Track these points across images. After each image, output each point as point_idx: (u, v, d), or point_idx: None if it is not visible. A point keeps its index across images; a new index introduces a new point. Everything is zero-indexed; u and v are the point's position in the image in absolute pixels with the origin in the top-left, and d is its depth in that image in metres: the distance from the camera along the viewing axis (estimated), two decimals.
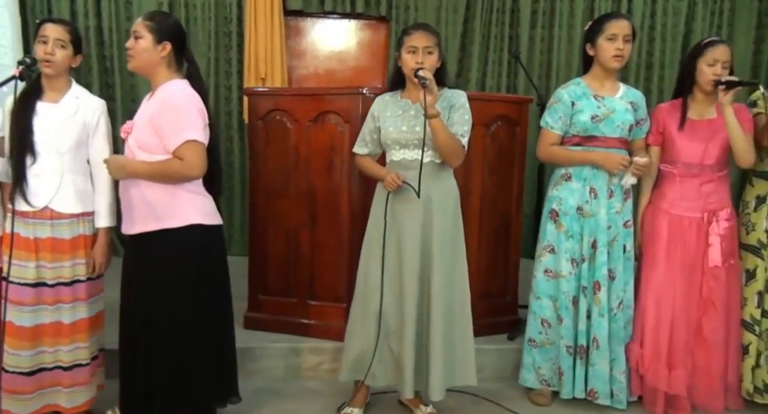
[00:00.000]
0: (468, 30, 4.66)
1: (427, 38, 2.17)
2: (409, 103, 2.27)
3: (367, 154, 2.36)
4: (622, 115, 2.44)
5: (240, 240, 4.58)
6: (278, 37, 4.38)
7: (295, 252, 2.89)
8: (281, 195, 2.90)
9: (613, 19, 2.42)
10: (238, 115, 4.52)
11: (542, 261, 2.51)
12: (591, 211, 2.45)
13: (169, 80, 2.03)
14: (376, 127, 2.30)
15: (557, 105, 2.47)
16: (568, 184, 2.48)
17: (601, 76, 2.47)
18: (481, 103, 2.85)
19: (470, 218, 2.89)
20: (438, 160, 2.23)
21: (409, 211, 2.23)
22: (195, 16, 4.45)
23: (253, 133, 2.95)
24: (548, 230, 2.51)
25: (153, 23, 2.02)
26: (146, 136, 1.98)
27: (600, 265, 2.45)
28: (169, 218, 1.98)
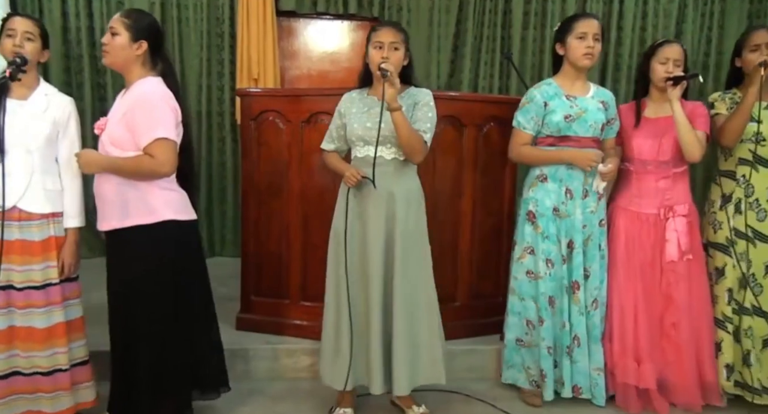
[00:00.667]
0: (460, 31, 4.68)
1: (394, 34, 2.21)
2: (374, 100, 2.29)
3: (333, 150, 2.39)
4: (595, 114, 2.48)
5: (233, 241, 4.58)
6: (271, 38, 4.38)
7: (287, 253, 2.90)
8: (274, 196, 2.91)
9: (582, 19, 2.46)
10: (230, 116, 4.52)
11: (523, 263, 2.53)
12: (567, 211, 2.48)
13: (143, 78, 2.06)
14: (343, 124, 2.33)
15: (529, 105, 2.49)
16: (544, 185, 2.50)
17: (572, 76, 2.50)
18: (474, 104, 2.88)
19: (462, 219, 2.92)
20: (401, 157, 2.26)
21: (372, 208, 2.25)
22: (187, 17, 4.44)
23: (245, 134, 2.96)
24: (526, 232, 2.52)
25: (130, 21, 2.04)
26: (119, 133, 2.00)
27: (577, 266, 2.49)
28: (142, 214, 2.01)
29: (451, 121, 2.82)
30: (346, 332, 2.29)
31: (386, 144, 2.24)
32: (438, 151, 2.80)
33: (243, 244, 3.04)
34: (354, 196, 2.27)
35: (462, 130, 2.86)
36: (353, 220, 2.27)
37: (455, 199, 2.90)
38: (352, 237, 2.27)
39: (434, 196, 2.82)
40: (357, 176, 2.20)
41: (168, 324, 2.05)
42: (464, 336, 2.90)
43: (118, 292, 2.08)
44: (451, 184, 2.88)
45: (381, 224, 2.24)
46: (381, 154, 2.23)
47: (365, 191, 2.25)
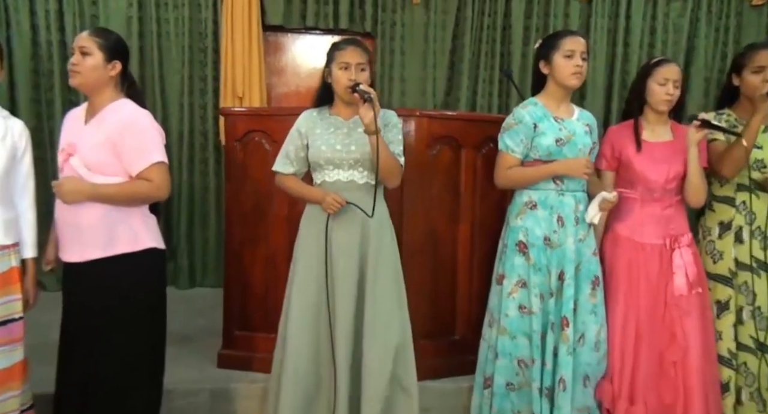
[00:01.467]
0: (457, 47, 4.74)
1: (360, 54, 2.24)
2: (340, 120, 2.31)
3: (292, 173, 2.38)
4: (582, 137, 2.48)
5: (215, 269, 4.56)
6: (256, 54, 4.43)
7: (275, 282, 2.88)
8: (260, 221, 2.91)
9: (569, 36, 2.46)
10: (214, 136, 4.54)
11: (515, 297, 2.47)
12: (558, 241, 2.44)
13: (115, 100, 2.09)
14: (304, 145, 2.32)
15: (518, 127, 2.45)
16: (534, 212, 2.47)
17: (558, 97, 2.50)
18: (472, 124, 2.91)
19: (460, 247, 2.92)
20: (373, 181, 2.26)
21: (346, 237, 2.24)
22: (167, 31, 4.48)
23: (229, 156, 2.97)
24: (517, 264, 2.47)
25: (104, 41, 2.07)
26: (101, 158, 2.01)
27: (567, 299, 2.42)
28: (127, 242, 2.03)
29: (448, 141, 2.84)
30: (326, 365, 2.25)
31: (358, 167, 2.25)
32: (434, 173, 2.82)
33: (226, 273, 3.03)
34: (330, 222, 2.25)
35: (459, 152, 2.88)
36: (324, 248, 2.25)
37: (452, 226, 2.91)
38: (321, 268, 2.25)
39: (430, 222, 2.83)
40: (342, 202, 2.18)
41: (139, 363, 2.06)
42: (463, 373, 2.86)
43: (86, 326, 2.06)
44: (448, 209, 2.89)
45: (354, 253, 2.23)
46: (353, 179, 2.25)
47: (339, 219, 2.24)
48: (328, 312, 2.23)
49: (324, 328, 2.25)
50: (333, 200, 2.18)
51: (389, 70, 4.75)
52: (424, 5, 4.68)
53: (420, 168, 2.77)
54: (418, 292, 2.75)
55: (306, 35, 4.83)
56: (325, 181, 2.28)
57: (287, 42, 4.83)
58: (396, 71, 4.74)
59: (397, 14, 4.69)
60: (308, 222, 2.33)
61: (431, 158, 2.82)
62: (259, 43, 4.46)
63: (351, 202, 2.20)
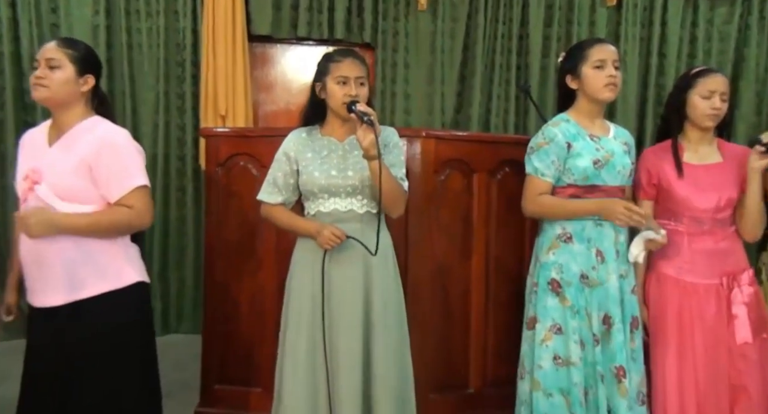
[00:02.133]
0: (468, 58, 4.84)
1: (359, 67, 2.30)
2: (334, 142, 2.36)
3: (281, 202, 2.40)
4: (621, 158, 2.50)
5: (192, 314, 4.59)
6: (241, 68, 4.51)
7: (261, 329, 2.91)
8: (246, 257, 2.96)
9: (597, 44, 2.49)
10: (192, 161, 4.61)
11: (549, 346, 2.43)
12: (599, 278, 2.43)
13: (85, 118, 2.14)
14: (293, 171, 2.35)
15: (549, 146, 2.46)
16: (569, 246, 2.46)
17: (591, 112, 2.52)
18: (485, 146, 2.97)
19: (473, 286, 2.96)
20: (374, 210, 2.30)
21: (346, 277, 2.27)
22: (140, 42, 4.56)
23: (211, 183, 3.03)
24: (550, 306, 2.45)
25: (75, 52, 2.12)
26: (75, 184, 2.04)
27: (619, 346, 2.40)
28: (109, 279, 2.05)
29: (459, 165, 2.91)
30: None
31: (356, 195, 2.29)
32: (442, 201, 2.87)
33: (205, 318, 3.05)
34: (327, 259, 2.28)
35: (471, 177, 2.94)
36: (321, 290, 2.28)
37: (464, 262, 2.95)
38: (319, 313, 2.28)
39: (438, 256, 2.88)
40: (342, 236, 2.21)
41: None
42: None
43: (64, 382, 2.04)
44: (459, 242, 2.94)
45: (357, 294, 2.26)
46: (351, 208, 2.29)
47: (338, 256, 2.27)
48: (326, 364, 2.24)
49: (323, 382, 2.25)
50: (331, 235, 2.18)
51: (391, 85, 4.83)
52: (431, 12, 4.79)
53: (427, 195, 2.82)
54: (425, 337, 2.78)
55: (297, 46, 4.94)
56: (320, 212, 2.30)
57: (276, 54, 4.94)
58: (399, 87, 4.83)
59: (400, 22, 4.79)
60: (301, 259, 2.36)
61: (439, 184, 2.87)
62: (245, 55, 4.55)
63: (352, 237, 2.22)
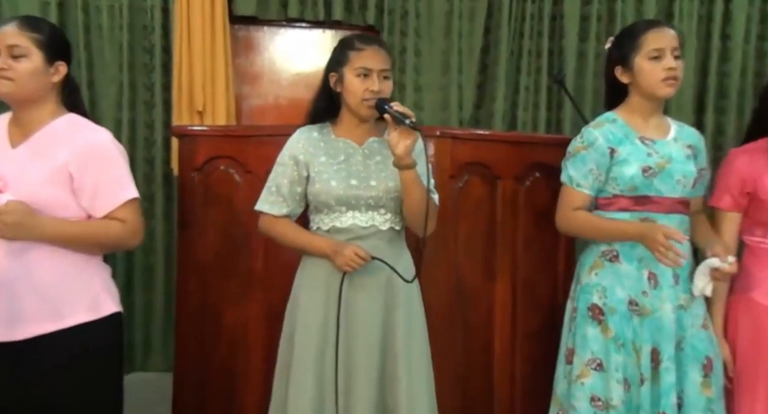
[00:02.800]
0: (490, 43, 4.84)
1: (384, 58, 2.30)
2: (351, 145, 2.36)
3: (285, 215, 2.39)
4: (683, 164, 2.48)
5: (161, 348, 4.58)
6: (222, 54, 4.50)
7: (244, 365, 2.91)
8: (226, 280, 2.95)
9: (652, 29, 2.48)
10: (163, 165, 4.61)
11: (585, 384, 2.44)
12: (650, 306, 2.43)
13: (57, 115, 2.13)
14: (302, 177, 2.35)
15: (586, 152, 2.48)
16: (615, 266, 2.47)
17: (644, 110, 2.53)
18: (511, 148, 2.97)
19: (498, 312, 2.95)
20: (398, 226, 2.32)
21: (365, 303, 2.28)
22: (99, 23, 4.54)
23: (185, 191, 3.03)
24: (590, 336, 2.46)
25: (42, 36, 2.09)
26: (50, 194, 2.03)
27: (666, 390, 2.39)
28: (86, 308, 2.04)
29: (479, 170, 2.90)
30: None
31: (379, 209, 2.30)
32: (461, 213, 2.87)
33: (177, 353, 3.05)
34: (338, 282, 2.28)
35: (495, 184, 2.94)
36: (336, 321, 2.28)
37: (487, 284, 2.94)
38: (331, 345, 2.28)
39: (456, 277, 2.87)
40: (366, 258, 2.20)
41: None
42: None
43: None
44: (480, 260, 2.93)
45: (376, 328, 2.27)
46: (373, 223, 2.29)
47: (357, 280, 2.28)
48: (336, 405, 2.24)
49: None
50: (353, 255, 2.18)
51: (399, 75, 4.80)
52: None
53: (442, 206, 2.76)
54: (443, 369, 2.73)
55: (287, 30, 4.94)
56: (335, 227, 2.31)
57: (263, 39, 4.94)
58: (408, 77, 4.82)
59: (409, 1, 4.78)
60: (309, 282, 2.36)
61: (457, 192, 2.87)
62: (225, 39, 4.53)
63: (379, 259, 2.23)
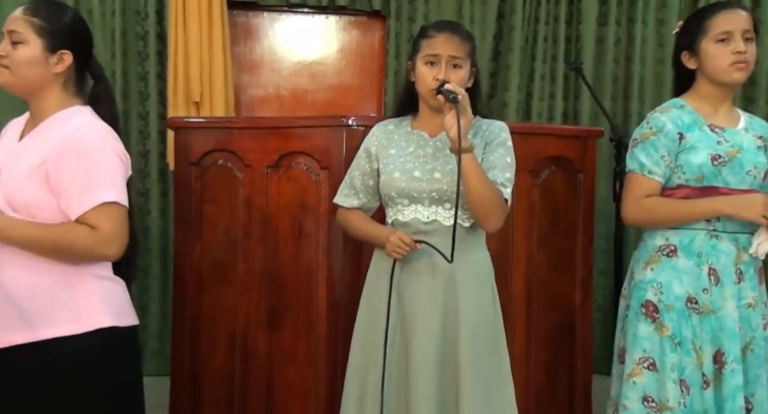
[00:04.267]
0: (503, 30, 4.86)
1: (456, 45, 2.28)
2: (424, 137, 2.37)
3: (357, 207, 2.44)
4: (754, 155, 2.46)
5: (158, 351, 4.60)
6: (219, 42, 4.50)
7: (243, 368, 2.93)
8: (224, 280, 2.96)
9: (721, 11, 2.45)
10: (158, 159, 4.62)
11: (637, 383, 2.42)
12: (711, 304, 2.40)
13: (65, 107, 2.09)
14: (373, 170, 2.39)
15: (656, 137, 2.47)
16: (672, 261, 2.45)
17: (713, 97, 2.51)
18: (525, 139, 2.93)
19: (513, 312, 2.95)
20: (466, 223, 2.31)
21: (423, 294, 2.28)
22: (90, 9, 4.55)
23: (181, 186, 3.04)
24: (642, 333, 2.44)
25: (42, 21, 2.05)
26: (30, 192, 1.99)
27: (732, 393, 2.36)
28: (63, 320, 1.99)
29: None
30: None
31: (444, 203, 2.29)
32: None
33: (173, 356, 3.07)
34: (399, 274, 2.31)
35: None
36: (394, 307, 2.30)
37: (501, 282, 2.87)
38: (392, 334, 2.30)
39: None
40: (410, 244, 2.22)
41: None
42: None
43: None
44: (494, 258, 2.87)
45: (435, 320, 2.27)
46: (436, 218, 2.30)
47: (413, 269, 2.30)
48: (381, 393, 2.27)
49: None
50: (398, 240, 2.21)
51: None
52: None
53: None
54: None
55: (289, 15, 4.95)
56: (397, 221, 2.34)
57: (263, 25, 4.95)
58: None
59: None
60: (372, 272, 2.41)
61: None
62: (223, 26, 4.54)
63: (425, 242, 2.24)
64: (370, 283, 2.41)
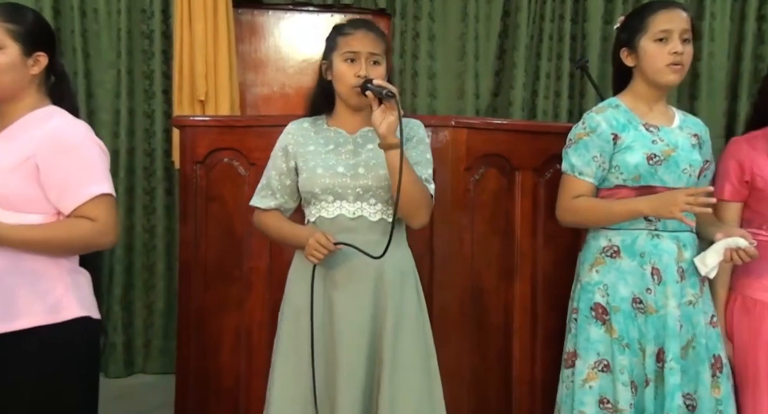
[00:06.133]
0: (509, 27, 4.86)
1: (373, 41, 2.32)
2: (342, 134, 2.39)
3: (274, 207, 2.44)
4: (688, 153, 2.49)
5: (162, 349, 4.61)
6: (224, 40, 4.52)
7: (248, 366, 2.94)
8: (229, 279, 2.97)
9: (661, 10, 2.46)
10: (163, 157, 4.64)
11: (593, 387, 2.44)
12: (655, 304, 2.43)
13: (38, 107, 2.13)
14: (290, 169, 2.40)
15: (589, 138, 2.50)
16: (616, 262, 2.48)
17: (648, 96, 2.54)
18: (530, 138, 2.97)
19: (516, 313, 2.97)
20: (390, 218, 2.31)
21: (350, 297, 2.28)
22: (95, 7, 4.58)
23: (187, 184, 3.04)
24: (594, 337, 2.47)
25: (18, 26, 2.07)
26: (16, 187, 2.02)
27: (670, 391, 2.38)
28: (40, 310, 2.03)
29: (497, 161, 2.91)
30: None
31: (369, 199, 2.31)
32: (476, 207, 2.88)
33: (179, 355, 3.07)
34: (321, 277, 2.30)
35: (513, 176, 2.95)
36: (319, 313, 2.29)
37: (504, 283, 2.96)
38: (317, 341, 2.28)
39: (472, 277, 2.88)
40: (328, 245, 2.19)
41: None
42: None
43: None
44: (497, 258, 2.95)
45: (364, 324, 2.27)
46: (362, 214, 2.31)
47: (338, 269, 2.29)
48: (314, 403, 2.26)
49: None
50: (315, 243, 2.17)
51: (412, 61, 4.85)
52: None
53: (457, 199, 2.83)
54: (457, 375, 2.78)
55: (294, 14, 4.96)
56: (321, 218, 2.33)
57: (268, 23, 4.97)
58: (422, 64, 4.84)
59: None
60: (296, 276, 2.39)
61: (473, 185, 2.88)
62: (229, 24, 4.55)
63: (346, 243, 2.22)
64: (291, 286, 2.40)
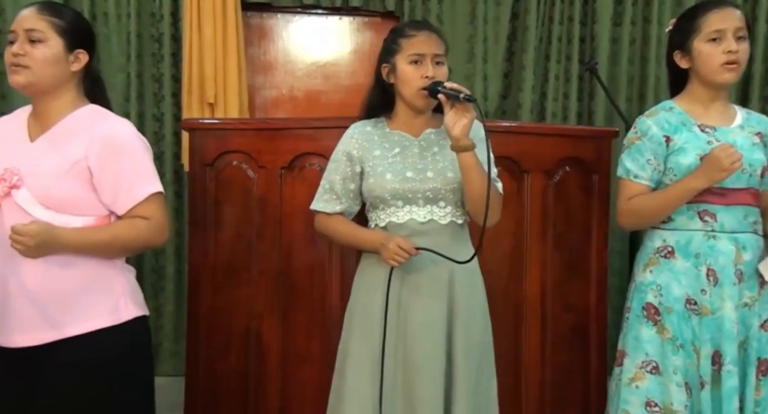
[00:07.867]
0: (518, 29, 4.84)
1: (437, 43, 2.32)
2: (407, 138, 2.38)
3: (339, 212, 2.43)
4: (749, 153, 2.43)
5: (172, 351, 4.62)
6: (234, 43, 4.51)
7: (258, 368, 2.94)
8: (238, 281, 2.97)
9: (712, 9, 2.44)
10: (172, 160, 4.64)
11: (640, 387, 2.42)
12: (710, 305, 2.40)
13: (78, 106, 2.13)
14: (356, 173, 2.39)
15: (641, 142, 2.49)
16: (670, 262, 2.46)
17: (705, 97, 2.51)
18: (540, 140, 2.97)
19: (527, 315, 2.96)
20: (460, 220, 2.33)
21: (425, 302, 2.28)
22: (106, 11, 4.58)
23: (196, 187, 3.04)
24: (644, 337, 2.45)
25: (62, 21, 2.08)
26: (67, 190, 2.02)
27: (728, 394, 2.36)
28: (103, 312, 2.04)
29: (506, 164, 2.90)
30: None
31: (438, 202, 2.31)
32: None
33: (188, 356, 3.07)
34: (398, 280, 2.30)
35: (523, 179, 2.95)
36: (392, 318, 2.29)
37: (515, 284, 2.95)
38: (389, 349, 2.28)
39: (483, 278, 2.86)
40: (411, 250, 2.19)
41: None
42: None
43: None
44: (508, 260, 2.94)
45: (439, 329, 2.26)
46: (432, 218, 2.30)
47: (415, 273, 2.29)
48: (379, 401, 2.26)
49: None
50: (396, 248, 2.18)
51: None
52: None
53: None
54: None
55: (303, 17, 4.95)
56: (392, 223, 2.33)
57: (277, 26, 4.96)
58: None
59: None
60: (366, 282, 2.38)
61: None
62: (238, 27, 4.55)
63: (427, 249, 2.23)
64: (361, 289, 2.40)
